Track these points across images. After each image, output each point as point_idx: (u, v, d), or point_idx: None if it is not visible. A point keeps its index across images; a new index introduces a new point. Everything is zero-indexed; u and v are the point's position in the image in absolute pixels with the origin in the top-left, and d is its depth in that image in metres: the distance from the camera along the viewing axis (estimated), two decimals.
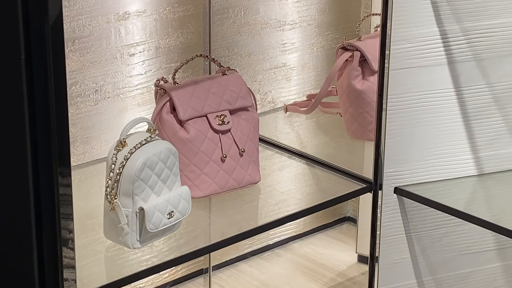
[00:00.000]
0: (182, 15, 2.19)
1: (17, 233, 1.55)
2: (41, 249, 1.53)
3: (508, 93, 2.01)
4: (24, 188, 1.50)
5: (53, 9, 1.43)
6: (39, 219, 1.51)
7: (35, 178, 1.49)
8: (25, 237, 1.53)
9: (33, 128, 1.47)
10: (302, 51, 2.40)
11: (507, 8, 1.95)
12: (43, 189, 1.50)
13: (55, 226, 1.51)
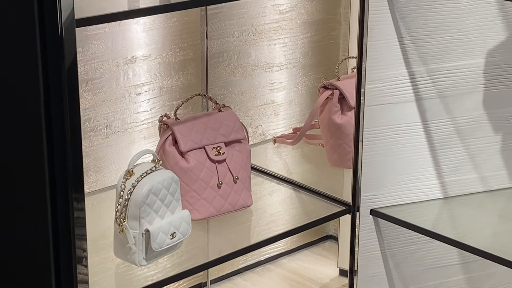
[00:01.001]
0: (182, 58, 2.18)
1: (36, 251, 1.55)
2: (58, 266, 1.53)
3: (469, 126, 2.01)
4: (43, 212, 1.50)
5: (69, 55, 1.44)
6: (56, 239, 1.51)
7: (53, 203, 1.49)
8: (44, 255, 1.52)
9: (51, 158, 1.47)
10: (288, 90, 2.40)
11: (467, 51, 1.95)
12: (60, 212, 1.50)
13: (70, 245, 1.51)
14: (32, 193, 1.52)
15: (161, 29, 2.12)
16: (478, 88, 1.99)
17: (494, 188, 2.06)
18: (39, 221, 1.51)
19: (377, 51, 1.89)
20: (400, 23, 1.90)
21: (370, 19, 1.86)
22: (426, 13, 1.91)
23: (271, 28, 2.32)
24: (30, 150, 1.50)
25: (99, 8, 1.58)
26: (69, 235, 1.51)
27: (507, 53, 1.98)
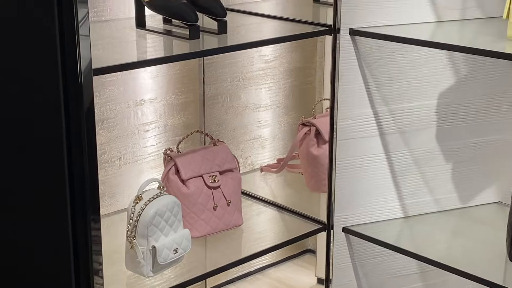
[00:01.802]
0: (183, 101, 2.18)
1: (59, 265, 1.54)
2: (78, 277, 1.53)
3: (424, 157, 2.01)
4: (64, 231, 1.50)
5: (87, 99, 1.45)
6: (76, 254, 1.51)
7: (73, 223, 1.50)
8: (65, 268, 1.52)
9: (72, 185, 1.48)
10: (272, 126, 2.40)
11: (422, 94, 1.96)
12: (79, 231, 1.50)
13: (88, 259, 1.52)
14: (55, 216, 1.52)
15: (165, 76, 2.12)
16: (431, 125, 2.00)
17: (446, 208, 2.06)
18: (62, 239, 1.51)
19: (347, 94, 1.89)
20: (366, 71, 1.90)
21: (340, 67, 1.87)
22: (387, 62, 1.91)
23: (258, 75, 2.33)
24: (54, 179, 1.50)
25: (113, 59, 1.60)
26: (87, 250, 1.51)
27: (455, 96, 1.99)
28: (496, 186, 2.09)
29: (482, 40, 1.76)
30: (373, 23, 1.85)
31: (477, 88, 2.00)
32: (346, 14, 1.83)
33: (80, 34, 1.41)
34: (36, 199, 1.56)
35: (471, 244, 1.89)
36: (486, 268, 1.76)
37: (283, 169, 2.25)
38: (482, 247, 1.87)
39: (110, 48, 1.72)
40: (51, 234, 1.55)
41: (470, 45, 1.69)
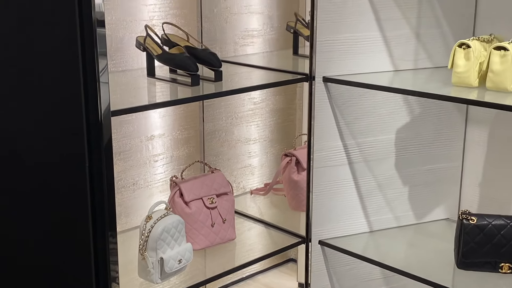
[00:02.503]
0: (186, 136, 2.18)
1: (82, 273, 1.53)
2: (98, 284, 1.51)
3: (386, 181, 2.01)
4: (87, 245, 1.50)
5: (106, 135, 1.45)
6: (97, 264, 1.51)
7: (94, 238, 1.49)
8: (87, 275, 1.51)
9: (93, 207, 1.48)
10: (260, 157, 2.40)
11: (382, 130, 1.96)
12: (99, 245, 1.50)
13: (107, 268, 1.51)
14: (80, 232, 1.51)
15: (171, 116, 2.13)
16: (391, 155, 2.00)
17: (404, 224, 2.06)
18: (85, 251, 1.51)
19: (321, 130, 1.90)
20: (337, 111, 1.90)
21: (316, 108, 1.87)
22: (354, 104, 1.92)
23: (248, 114, 2.33)
24: (78, 201, 1.49)
25: (128, 102, 1.61)
26: (106, 261, 1.51)
27: (410, 131, 1.99)
28: (445, 205, 2.09)
29: (431, 85, 1.76)
30: (342, 72, 1.86)
31: (428, 124, 2.00)
32: (320, 64, 1.83)
33: (100, 82, 1.41)
34: (64, 218, 1.55)
35: (425, 254, 1.89)
36: (437, 274, 1.75)
37: (269, 192, 2.25)
38: (434, 256, 1.86)
39: (126, 93, 1.73)
40: (76, 247, 1.54)
41: (421, 89, 1.70)
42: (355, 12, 1.84)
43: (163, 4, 2.02)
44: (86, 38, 1.38)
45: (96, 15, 1.37)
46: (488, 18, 1.92)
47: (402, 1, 1.88)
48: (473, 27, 1.95)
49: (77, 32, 1.38)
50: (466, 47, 1.66)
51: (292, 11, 2.23)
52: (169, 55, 1.78)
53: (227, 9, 2.17)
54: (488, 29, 1.90)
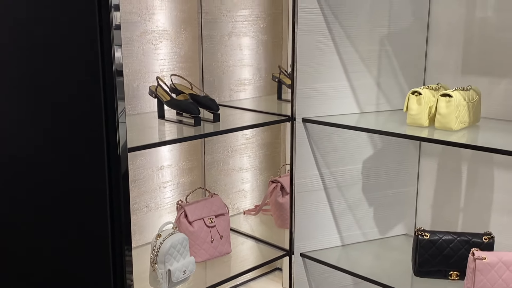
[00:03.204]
0: (190, 166, 2.17)
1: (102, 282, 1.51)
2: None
3: (355, 203, 2.01)
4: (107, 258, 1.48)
5: (123, 167, 1.45)
6: (115, 273, 1.48)
7: (113, 252, 1.48)
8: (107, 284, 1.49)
9: (112, 226, 1.46)
10: (251, 183, 2.38)
11: (351, 160, 1.96)
12: (117, 258, 1.48)
13: (123, 277, 1.49)
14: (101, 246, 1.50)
15: (178, 149, 2.12)
16: (359, 181, 1.99)
17: (371, 239, 2.05)
18: (105, 263, 1.49)
19: (301, 161, 1.90)
20: (314, 146, 1.90)
21: (296, 143, 1.87)
22: (328, 140, 1.92)
23: (241, 147, 2.32)
24: (100, 221, 1.48)
25: (142, 139, 1.60)
26: (123, 271, 1.49)
27: (375, 161, 1.99)
28: (403, 223, 2.08)
29: (391, 125, 1.76)
30: (318, 114, 1.86)
31: (389, 156, 2.01)
32: (299, 108, 1.84)
33: (119, 122, 1.41)
34: (88, 234, 1.54)
35: (388, 264, 1.88)
36: (398, 281, 1.74)
37: (259, 212, 2.24)
38: (395, 266, 1.85)
39: (140, 132, 1.72)
40: (98, 259, 1.52)
41: (382, 128, 1.71)
42: (328, 66, 1.85)
43: (171, 59, 2.04)
44: (108, 85, 1.38)
45: (116, 67, 1.37)
46: (436, 70, 1.94)
47: (365, 56, 1.90)
48: (423, 77, 1.97)
49: (100, 80, 1.38)
50: (418, 94, 1.68)
51: (277, 64, 2.26)
52: (176, 101, 1.79)
53: (223, 62, 2.19)
54: (435, 79, 1.94)
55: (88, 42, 1.37)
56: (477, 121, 1.73)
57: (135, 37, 1.93)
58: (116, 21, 1.35)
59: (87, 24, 1.36)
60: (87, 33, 1.37)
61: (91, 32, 1.36)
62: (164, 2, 1.98)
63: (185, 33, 2.07)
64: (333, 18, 1.83)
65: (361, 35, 1.88)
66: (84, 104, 1.44)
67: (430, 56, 1.94)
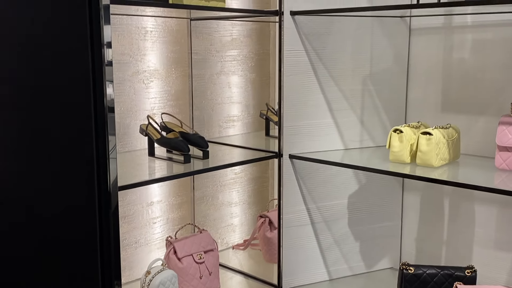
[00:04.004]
0: (180, 201, 2.17)
1: None
2: None
3: (341, 238, 2.01)
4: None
5: (114, 204, 1.44)
6: None
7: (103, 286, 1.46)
8: None
9: (102, 261, 1.45)
10: (240, 217, 2.37)
11: (337, 196, 1.97)
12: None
13: None
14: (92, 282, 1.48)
15: (168, 185, 2.11)
16: (345, 216, 2.00)
17: (357, 273, 2.04)
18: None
19: (289, 196, 1.91)
20: (300, 181, 1.91)
21: (284, 178, 1.88)
22: (314, 176, 1.93)
23: (230, 182, 2.32)
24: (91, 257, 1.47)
25: (133, 176, 1.60)
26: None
27: (360, 196, 2.01)
28: (389, 257, 2.09)
29: (374, 161, 1.78)
30: (304, 150, 1.88)
31: (373, 191, 2.03)
32: (286, 144, 1.86)
33: (110, 158, 1.41)
34: (79, 270, 1.52)
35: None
36: None
37: (248, 247, 2.23)
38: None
39: (131, 169, 1.72)
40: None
41: (366, 165, 1.71)
42: (313, 104, 1.89)
43: (162, 97, 2.07)
44: (99, 121, 1.38)
45: (107, 103, 1.38)
46: (416, 108, 1.98)
47: (349, 95, 1.94)
48: (405, 115, 2.01)
49: (92, 116, 1.38)
50: (399, 132, 1.72)
51: (265, 101, 2.29)
52: (166, 139, 1.81)
53: (213, 100, 2.22)
54: (416, 116, 1.98)
55: (80, 79, 1.38)
56: (457, 157, 1.76)
57: (127, 77, 1.95)
58: (108, 57, 1.37)
59: (79, 60, 1.37)
60: (79, 69, 1.38)
61: (83, 68, 1.36)
62: (156, 44, 2.03)
63: (175, 72, 2.10)
64: (317, 59, 1.88)
65: (344, 75, 1.92)
66: (75, 139, 1.44)
67: (410, 95, 1.99)
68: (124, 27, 1.92)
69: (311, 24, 1.83)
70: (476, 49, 1.84)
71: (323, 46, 1.87)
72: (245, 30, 2.27)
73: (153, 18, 2.00)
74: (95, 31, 1.36)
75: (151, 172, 1.76)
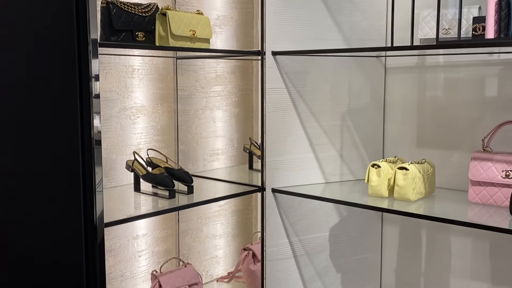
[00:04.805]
0: (165, 234, 2.16)
1: None
2: None
3: (323, 270, 2.00)
4: None
5: (99, 238, 1.43)
6: None
7: None
8: None
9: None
10: (225, 249, 2.37)
11: (319, 228, 1.98)
12: None
13: None
14: None
15: (153, 218, 2.11)
16: (326, 249, 2.00)
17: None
18: None
19: (271, 230, 1.91)
20: (283, 214, 1.92)
21: (267, 212, 1.88)
22: (296, 209, 1.94)
23: (214, 215, 2.32)
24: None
25: (118, 209, 1.60)
26: None
27: (340, 229, 2.01)
28: (370, 287, 2.09)
29: (354, 195, 1.80)
30: (286, 184, 1.90)
31: (354, 224, 2.04)
32: (269, 178, 1.87)
33: (96, 191, 1.40)
34: None
35: None
36: None
37: (232, 279, 2.21)
38: None
39: (117, 204, 1.72)
40: None
41: (346, 199, 1.74)
42: (294, 139, 1.92)
43: (148, 132, 2.09)
44: (86, 154, 1.38)
45: (94, 136, 1.38)
46: (393, 143, 2.03)
47: (328, 130, 1.98)
48: (382, 150, 2.05)
49: (79, 150, 1.39)
50: (377, 167, 1.76)
51: (248, 135, 2.32)
52: (152, 175, 1.82)
53: (198, 134, 2.23)
54: (393, 151, 2.03)
55: (68, 111, 1.38)
56: (433, 191, 1.81)
57: (114, 113, 1.98)
58: (96, 90, 1.37)
59: (67, 93, 1.37)
60: (67, 102, 1.38)
61: (71, 101, 1.37)
62: (143, 81, 2.06)
63: (161, 108, 2.13)
64: (298, 96, 1.93)
65: (324, 111, 1.97)
66: (62, 172, 1.43)
67: (387, 131, 2.04)
68: (112, 66, 1.96)
69: (292, 64, 1.89)
70: (448, 87, 1.91)
71: (303, 84, 1.92)
72: (229, 67, 2.32)
73: (141, 57, 2.04)
74: (83, 65, 1.36)
75: (136, 207, 1.76)
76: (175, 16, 1.67)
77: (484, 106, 1.81)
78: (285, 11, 1.83)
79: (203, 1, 2.18)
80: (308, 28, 1.87)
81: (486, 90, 1.81)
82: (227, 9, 2.25)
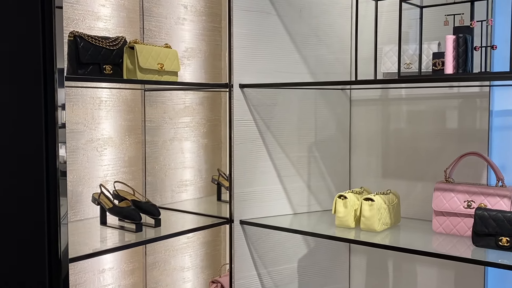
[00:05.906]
0: (132, 267, 2.11)
1: None
2: None
3: None
4: None
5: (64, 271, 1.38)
6: None
7: None
8: None
9: None
10: (192, 282, 2.31)
11: (287, 260, 1.97)
12: None
13: None
14: None
15: (119, 253, 2.06)
16: (294, 280, 1.99)
17: None
18: None
19: (240, 262, 1.90)
20: (251, 246, 1.91)
21: (235, 245, 1.87)
22: (264, 241, 1.93)
23: (182, 247, 2.28)
24: None
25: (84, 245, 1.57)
26: None
27: (309, 260, 2.02)
28: None
29: (321, 226, 1.81)
30: (254, 215, 1.90)
31: (322, 254, 2.05)
32: (237, 210, 1.87)
33: (61, 224, 1.36)
34: None
35: None
36: None
37: None
38: None
39: (82, 237, 1.69)
40: None
41: (314, 230, 1.76)
42: (262, 170, 1.93)
43: (115, 164, 2.07)
44: (51, 186, 1.35)
45: (60, 167, 1.35)
46: (359, 174, 2.06)
47: (296, 161, 2.00)
48: (349, 181, 2.09)
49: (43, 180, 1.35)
50: (344, 198, 1.78)
51: (217, 166, 2.32)
52: (118, 208, 1.80)
53: (166, 165, 2.22)
54: (359, 182, 2.06)
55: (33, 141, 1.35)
56: (398, 221, 1.84)
57: (80, 145, 1.95)
58: (62, 120, 1.35)
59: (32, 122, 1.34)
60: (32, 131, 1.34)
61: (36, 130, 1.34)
62: (110, 113, 2.05)
63: (129, 139, 2.12)
64: (265, 128, 1.95)
65: (291, 143, 1.99)
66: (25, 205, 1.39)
67: (353, 162, 2.08)
68: (79, 97, 1.94)
69: (259, 96, 1.91)
70: (411, 119, 1.97)
71: (270, 116, 1.95)
72: (198, 98, 2.33)
73: (108, 89, 2.03)
74: (49, 94, 1.34)
75: (103, 241, 1.73)
76: (143, 49, 1.68)
77: (445, 137, 1.87)
78: (253, 44, 1.86)
79: (172, 34, 2.20)
80: (275, 62, 1.90)
81: (447, 122, 1.87)
82: (195, 41, 2.28)
